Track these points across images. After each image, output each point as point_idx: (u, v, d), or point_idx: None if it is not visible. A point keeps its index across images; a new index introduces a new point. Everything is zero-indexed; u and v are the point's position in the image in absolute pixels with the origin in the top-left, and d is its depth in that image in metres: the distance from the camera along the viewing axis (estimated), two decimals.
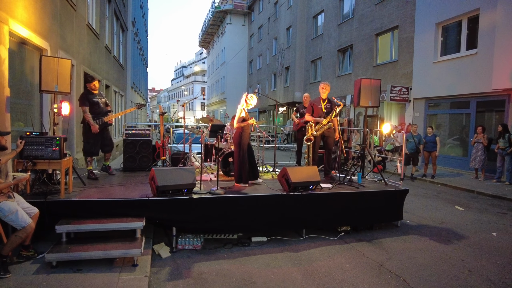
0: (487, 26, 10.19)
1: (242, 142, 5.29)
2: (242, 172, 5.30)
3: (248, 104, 5.35)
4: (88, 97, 5.51)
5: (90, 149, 5.63)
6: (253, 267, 3.98)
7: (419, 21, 13.05)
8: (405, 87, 13.48)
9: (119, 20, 15.58)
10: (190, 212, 4.43)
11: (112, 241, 3.87)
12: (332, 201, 5.06)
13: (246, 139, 5.38)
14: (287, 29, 25.72)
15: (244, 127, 5.33)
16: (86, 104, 5.45)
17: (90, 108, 5.49)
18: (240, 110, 5.30)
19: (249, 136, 5.49)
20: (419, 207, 6.96)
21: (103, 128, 5.66)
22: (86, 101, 5.47)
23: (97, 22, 10.97)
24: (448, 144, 12.23)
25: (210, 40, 50.74)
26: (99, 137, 5.64)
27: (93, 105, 5.54)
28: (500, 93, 9.84)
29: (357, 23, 17.30)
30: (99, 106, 5.61)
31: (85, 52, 9.37)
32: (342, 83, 18.84)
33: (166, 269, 3.87)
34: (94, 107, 5.54)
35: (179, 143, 8.68)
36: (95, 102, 5.56)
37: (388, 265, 4.10)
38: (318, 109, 6.13)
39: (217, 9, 39.23)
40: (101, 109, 5.65)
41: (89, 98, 5.50)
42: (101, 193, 4.57)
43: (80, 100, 5.50)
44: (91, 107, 5.51)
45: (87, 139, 5.58)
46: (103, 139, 5.75)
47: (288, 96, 24.85)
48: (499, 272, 4.00)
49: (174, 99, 64.59)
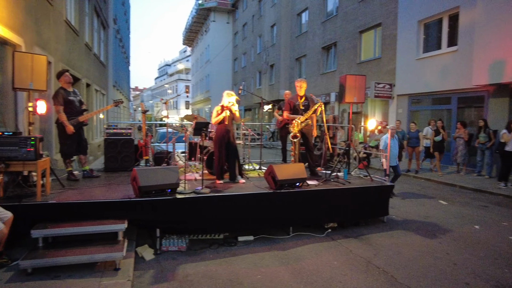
0: (467, 24, 10.39)
1: (216, 139, 5.33)
2: (217, 169, 5.33)
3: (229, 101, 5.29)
4: (63, 95, 5.17)
5: (67, 150, 5.34)
6: (240, 267, 3.90)
7: (401, 18, 13.21)
8: (388, 84, 13.64)
9: (99, 17, 15.16)
10: (174, 213, 4.31)
11: (93, 244, 3.71)
12: (318, 198, 5.03)
13: (220, 135, 5.31)
14: (271, 27, 25.66)
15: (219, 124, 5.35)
16: (60, 103, 5.11)
17: (65, 108, 5.16)
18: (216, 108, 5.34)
19: (225, 132, 5.32)
20: (405, 202, 7.03)
21: (78, 128, 5.37)
22: (61, 99, 5.12)
23: (76, 19, 10.62)
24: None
25: (194, 38, 50.20)
26: (76, 137, 5.34)
27: (69, 104, 5.21)
28: (479, 89, 10.06)
29: (341, 21, 17.40)
30: (74, 105, 5.31)
31: (64, 49, 9.05)
32: (326, 80, 18.93)
33: (150, 272, 3.75)
34: (69, 106, 5.22)
35: (162, 142, 8.50)
36: (71, 101, 5.24)
37: (376, 261, 4.09)
38: (297, 107, 6.10)
39: (200, 6, 38.80)
40: (77, 108, 5.35)
41: (64, 96, 5.16)
42: (81, 194, 4.39)
43: (54, 98, 5.14)
44: (67, 106, 5.18)
45: (64, 140, 5.26)
46: (79, 139, 5.44)
47: (273, 94, 24.83)
48: (483, 264, 4.05)
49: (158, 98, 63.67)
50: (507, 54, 8.68)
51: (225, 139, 5.32)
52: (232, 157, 5.46)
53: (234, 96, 5.38)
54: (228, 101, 5.32)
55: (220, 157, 5.33)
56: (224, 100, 5.36)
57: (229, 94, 5.39)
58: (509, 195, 7.58)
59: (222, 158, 5.35)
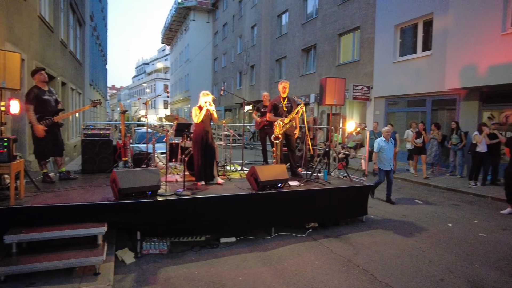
0: (440, 30, 10.81)
1: (194, 140, 5.32)
2: (198, 171, 5.33)
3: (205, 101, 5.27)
4: (36, 94, 4.93)
5: (42, 151, 5.10)
6: (222, 269, 3.90)
7: (379, 22, 13.57)
8: (366, 86, 13.97)
9: (75, 13, 14.70)
10: (155, 215, 4.24)
11: (71, 249, 3.60)
12: (300, 199, 5.09)
13: (198, 137, 5.28)
14: (252, 28, 25.71)
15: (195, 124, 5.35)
16: (31, 102, 4.87)
17: (40, 107, 4.94)
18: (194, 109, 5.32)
19: (203, 134, 5.28)
20: (382, 202, 7.23)
21: (54, 129, 5.16)
22: (32, 98, 4.88)
23: (50, 15, 10.24)
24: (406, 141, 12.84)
25: (173, 36, 49.53)
26: (51, 138, 5.09)
27: (43, 103, 4.98)
28: (452, 92, 10.49)
29: (321, 23, 17.66)
30: (50, 105, 5.09)
31: (38, 46, 8.71)
32: (306, 82, 19.16)
33: (131, 276, 3.68)
34: (44, 105, 5.00)
35: (141, 142, 8.35)
36: (45, 100, 5.02)
37: (356, 260, 4.19)
38: (280, 108, 6.13)
39: (180, 5, 38.34)
40: (52, 107, 5.13)
41: (37, 95, 4.93)
42: (58, 197, 4.24)
43: (27, 96, 4.88)
44: (41, 106, 4.96)
45: (38, 141, 5.02)
46: (55, 140, 5.20)
47: (254, 94, 24.88)
48: (456, 261, 4.24)
49: (136, 97, 62.33)
50: (477, 59, 9.10)
51: (203, 140, 5.29)
52: (210, 158, 5.41)
53: (210, 96, 5.36)
54: (205, 101, 5.28)
55: (199, 159, 5.30)
56: (200, 100, 5.32)
57: (205, 94, 5.36)
58: (479, 193, 7.95)
59: (202, 159, 5.32)
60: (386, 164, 6.88)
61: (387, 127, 7.46)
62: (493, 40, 8.68)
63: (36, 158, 5.24)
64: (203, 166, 5.35)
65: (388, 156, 6.86)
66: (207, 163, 5.39)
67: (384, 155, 6.84)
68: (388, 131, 6.98)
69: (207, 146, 5.32)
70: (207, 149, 5.33)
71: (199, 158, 5.30)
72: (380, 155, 6.88)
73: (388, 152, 6.85)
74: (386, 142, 6.87)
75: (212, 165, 5.47)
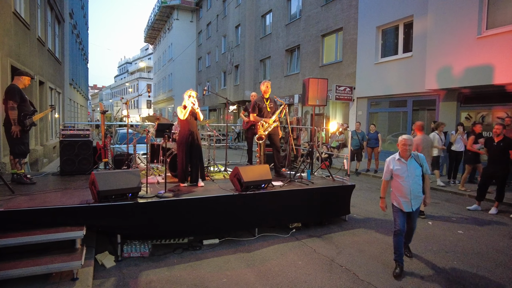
0: (420, 32, 11.06)
1: (179, 141, 5.25)
2: (181, 172, 5.25)
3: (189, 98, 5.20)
4: (20, 92, 4.80)
5: (25, 150, 5.01)
6: (205, 271, 3.85)
7: (361, 24, 13.78)
8: (349, 87, 14.16)
9: (53, 10, 14.26)
10: (136, 218, 4.15)
11: (48, 254, 3.48)
12: (283, 199, 5.09)
13: (183, 137, 5.20)
14: (236, 27, 25.63)
15: (181, 124, 5.27)
16: (16, 100, 4.72)
17: (23, 106, 4.80)
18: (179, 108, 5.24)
19: (188, 134, 5.20)
20: (365, 201, 7.33)
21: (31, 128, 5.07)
22: (18, 96, 4.74)
23: (26, 11, 9.89)
24: (388, 140, 13.10)
25: (157, 35, 48.86)
26: (27, 137, 5.05)
27: (25, 101, 4.89)
28: (431, 93, 10.76)
29: (304, 24, 17.79)
30: (28, 104, 5.00)
31: (12, 43, 8.39)
32: (290, 82, 19.26)
33: (111, 280, 3.59)
34: (26, 103, 4.90)
35: (122, 143, 8.18)
36: (26, 99, 4.93)
37: (339, 260, 4.22)
38: (264, 109, 6.13)
39: (163, 4, 37.84)
40: (29, 108, 5.04)
41: (21, 93, 4.81)
42: (33, 201, 4.09)
43: (11, 93, 4.72)
44: (24, 104, 4.83)
45: (21, 139, 4.90)
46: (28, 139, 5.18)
47: (238, 94, 24.82)
48: (435, 258, 4.33)
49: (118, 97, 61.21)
50: (454, 61, 9.35)
51: (188, 141, 5.21)
52: (195, 160, 5.34)
53: (194, 92, 5.29)
54: (190, 101, 5.20)
55: (184, 160, 5.22)
56: (185, 101, 5.24)
57: (189, 94, 5.28)
58: (457, 192, 8.17)
59: (186, 160, 5.25)
60: (405, 201, 3.90)
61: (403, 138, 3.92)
62: (469, 43, 8.95)
63: (15, 158, 5.04)
64: (187, 167, 5.27)
65: (409, 186, 3.86)
66: (192, 165, 5.32)
67: (401, 183, 3.90)
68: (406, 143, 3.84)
69: (192, 147, 5.24)
70: (192, 150, 5.25)
71: (184, 159, 5.21)
72: (393, 185, 4.01)
73: (408, 179, 3.87)
74: (404, 161, 3.90)
75: (198, 166, 5.39)
